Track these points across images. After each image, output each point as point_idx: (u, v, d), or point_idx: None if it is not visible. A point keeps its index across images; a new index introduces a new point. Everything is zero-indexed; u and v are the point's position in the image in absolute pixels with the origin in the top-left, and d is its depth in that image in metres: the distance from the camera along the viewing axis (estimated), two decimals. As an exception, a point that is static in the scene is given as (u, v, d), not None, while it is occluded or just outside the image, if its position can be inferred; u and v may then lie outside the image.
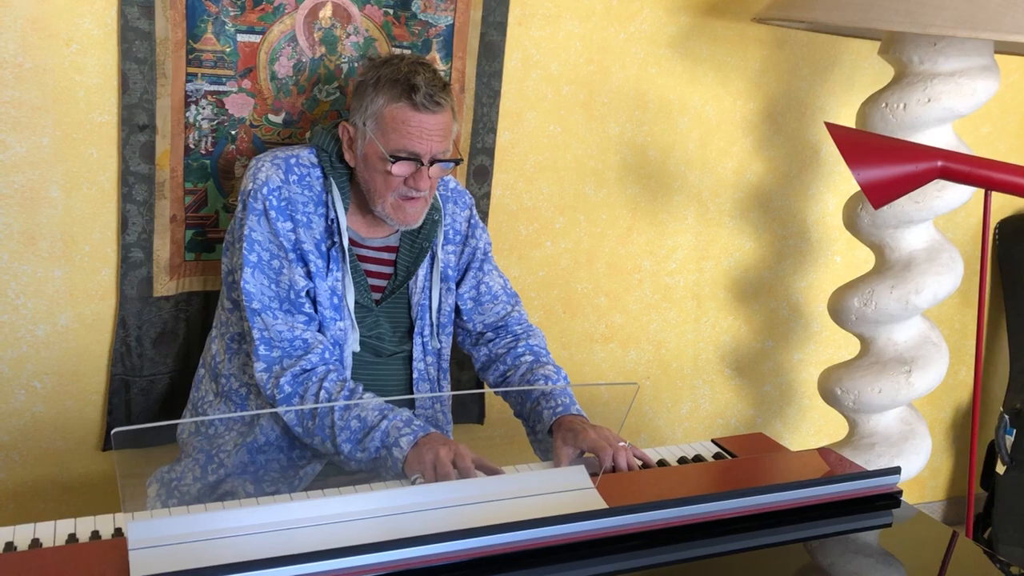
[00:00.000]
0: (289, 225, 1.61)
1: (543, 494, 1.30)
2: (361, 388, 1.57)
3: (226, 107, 1.84)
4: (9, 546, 1.21)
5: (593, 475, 1.35)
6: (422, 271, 1.73)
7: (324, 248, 1.63)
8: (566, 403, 1.63)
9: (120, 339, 1.86)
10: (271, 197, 1.60)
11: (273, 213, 1.60)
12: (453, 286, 1.78)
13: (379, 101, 1.58)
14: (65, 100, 1.75)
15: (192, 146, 1.83)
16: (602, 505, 1.28)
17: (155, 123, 1.78)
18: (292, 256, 1.60)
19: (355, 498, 1.28)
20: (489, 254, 1.83)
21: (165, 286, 1.87)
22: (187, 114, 1.81)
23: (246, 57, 1.82)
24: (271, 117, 1.87)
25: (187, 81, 1.79)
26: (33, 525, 1.26)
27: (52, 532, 1.25)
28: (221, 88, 1.82)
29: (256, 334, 1.59)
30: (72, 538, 1.24)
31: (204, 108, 1.82)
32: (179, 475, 1.66)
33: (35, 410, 1.86)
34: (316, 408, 1.53)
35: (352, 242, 1.67)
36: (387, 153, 1.57)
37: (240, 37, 1.81)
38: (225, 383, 1.69)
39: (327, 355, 1.60)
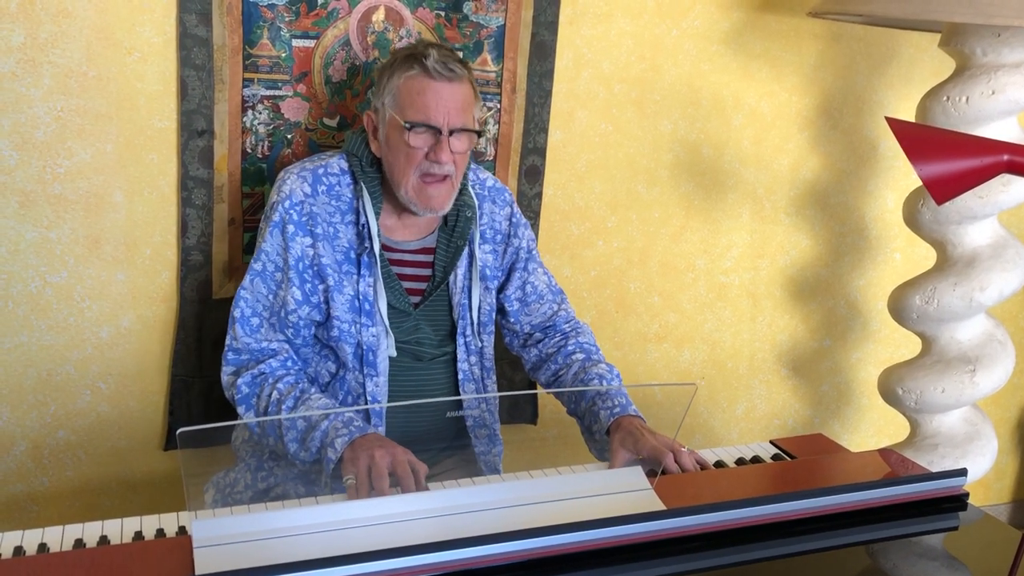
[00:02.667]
0: (308, 240, 1.61)
1: (600, 495, 1.29)
2: (314, 390, 1.57)
3: (282, 111, 1.86)
4: (79, 543, 1.24)
5: (651, 476, 1.34)
6: (461, 270, 1.71)
7: (354, 255, 1.63)
8: (623, 403, 1.62)
9: (180, 341, 1.90)
10: (292, 212, 1.61)
11: (291, 228, 1.61)
12: (492, 286, 1.76)
13: (394, 78, 1.60)
14: (127, 107, 1.79)
15: (249, 150, 1.86)
16: (660, 506, 1.27)
17: (213, 128, 1.81)
18: (292, 275, 1.61)
19: (411, 498, 1.29)
20: (534, 252, 1.81)
21: (224, 288, 1.90)
22: (244, 119, 1.84)
23: (301, 62, 1.85)
24: (326, 121, 1.90)
25: (244, 86, 1.82)
26: (101, 523, 1.29)
27: (119, 530, 1.28)
28: (277, 93, 1.85)
29: (228, 340, 1.63)
30: (138, 535, 1.27)
31: (261, 113, 1.85)
32: (232, 481, 1.69)
33: (100, 410, 1.91)
34: (280, 412, 1.54)
35: (386, 247, 1.67)
36: (404, 121, 1.57)
37: (295, 42, 1.83)
38: None
39: (289, 363, 1.61)
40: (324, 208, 1.62)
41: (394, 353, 1.66)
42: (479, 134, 1.65)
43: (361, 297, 1.63)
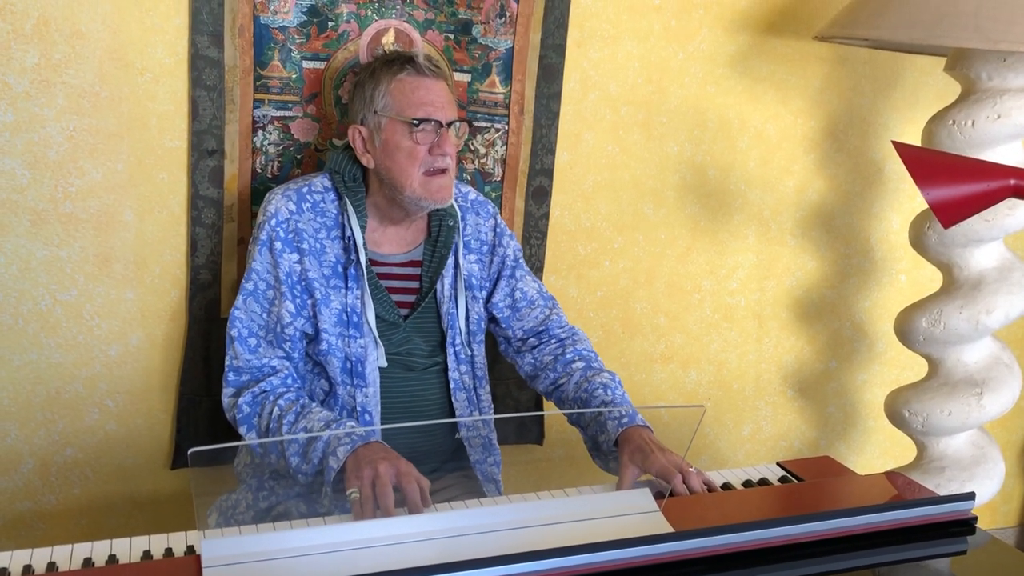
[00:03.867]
0: (295, 257, 1.63)
1: (608, 517, 1.29)
2: (314, 405, 1.58)
3: (292, 132, 1.88)
4: (87, 562, 1.24)
5: (658, 497, 1.34)
6: (447, 279, 1.74)
7: (341, 268, 1.65)
8: (630, 414, 1.61)
9: (188, 359, 1.90)
10: (278, 229, 1.63)
11: (279, 245, 1.63)
12: (478, 295, 1.78)
13: (383, 84, 1.64)
14: (138, 127, 1.80)
15: (259, 170, 1.87)
16: (668, 529, 1.27)
17: (224, 148, 1.83)
18: (284, 290, 1.62)
19: (418, 519, 1.29)
20: (520, 260, 1.84)
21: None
22: (254, 139, 1.85)
23: (311, 83, 1.86)
24: (336, 141, 1.91)
25: (254, 107, 1.83)
26: (110, 542, 1.29)
27: (127, 549, 1.28)
28: (287, 113, 1.86)
29: (227, 361, 1.63)
30: (147, 555, 1.27)
31: (271, 133, 1.86)
32: (234, 503, 1.70)
33: (107, 428, 1.91)
34: (282, 426, 1.54)
35: (374, 262, 1.69)
36: (412, 119, 1.61)
37: (306, 64, 1.85)
38: None
39: (289, 380, 1.63)
40: (310, 224, 1.65)
41: (384, 363, 1.67)
42: (470, 123, 1.76)
43: (349, 309, 1.65)
